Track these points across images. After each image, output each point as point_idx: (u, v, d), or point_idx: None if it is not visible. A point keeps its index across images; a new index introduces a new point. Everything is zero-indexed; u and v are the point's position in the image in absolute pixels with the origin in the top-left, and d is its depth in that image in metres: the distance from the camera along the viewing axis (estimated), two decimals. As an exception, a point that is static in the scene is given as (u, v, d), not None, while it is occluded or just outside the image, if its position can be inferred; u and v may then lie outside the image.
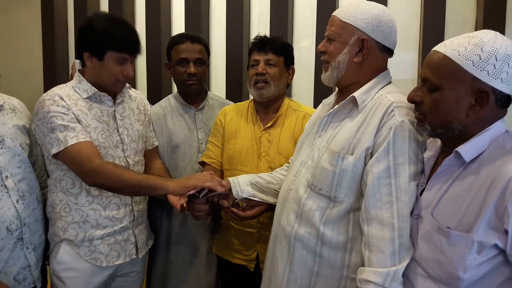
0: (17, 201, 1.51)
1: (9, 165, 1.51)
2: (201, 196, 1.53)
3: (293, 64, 1.80)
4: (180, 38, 1.92)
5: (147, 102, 1.85)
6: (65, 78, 2.65)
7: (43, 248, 1.66)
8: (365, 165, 1.18)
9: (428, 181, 1.12)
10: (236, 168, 1.75)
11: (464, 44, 1.01)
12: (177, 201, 1.61)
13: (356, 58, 1.25)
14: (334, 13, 1.30)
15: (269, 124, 1.75)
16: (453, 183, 1.05)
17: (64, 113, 1.48)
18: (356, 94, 1.25)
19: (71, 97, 1.53)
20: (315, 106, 2.05)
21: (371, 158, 1.17)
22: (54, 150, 1.47)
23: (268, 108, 1.77)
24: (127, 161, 1.63)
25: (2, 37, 2.95)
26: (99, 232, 1.57)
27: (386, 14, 1.25)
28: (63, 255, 1.57)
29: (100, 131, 1.56)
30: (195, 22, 2.39)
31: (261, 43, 1.73)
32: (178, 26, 2.49)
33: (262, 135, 1.74)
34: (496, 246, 0.96)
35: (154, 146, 1.87)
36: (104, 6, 2.64)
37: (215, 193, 1.54)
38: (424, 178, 1.15)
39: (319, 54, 1.35)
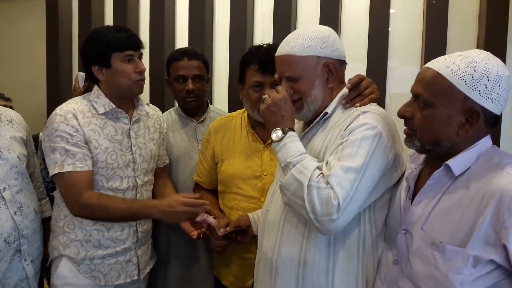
0: (15, 212, 1.52)
1: (7, 177, 1.51)
2: (219, 231, 1.51)
3: None
4: (178, 54, 1.92)
5: (163, 119, 1.83)
6: (69, 89, 2.66)
7: (41, 260, 1.65)
8: None
9: (415, 195, 1.12)
10: (231, 191, 1.67)
11: (457, 63, 1.02)
12: (190, 228, 1.58)
13: (329, 84, 1.27)
14: (281, 54, 1.28)
15: (270, 141, 1.66)
16: (442, 197, 1.05)
17: (71, 135, 1.46)
18: (328, 109, 1.27)
19: (85, 114, 1.52)
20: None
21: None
22: (51, 172, 1.47)
23: None
24: (136, 181, 1.61)
25: (8, 49, 3.00)
26: (101, 252, 1.56)
27: (332, 32, 1.28)
28: (63, 270, 1.56)
29: (110, 151, 1.54)
30: (199, 36, 2.41)
31: (266, 63, 1.51)
32: (182, 39, 2.51)
33: (264, 152, 1.64)
34: (492, 261, 0.96)
35: (165, 164, 1.85)
36: (109, 19, 2.66)
37: (236, 229, 1.53)
38: (410, 192, 1.15)
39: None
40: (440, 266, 1.00)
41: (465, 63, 1.01)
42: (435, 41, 2.02)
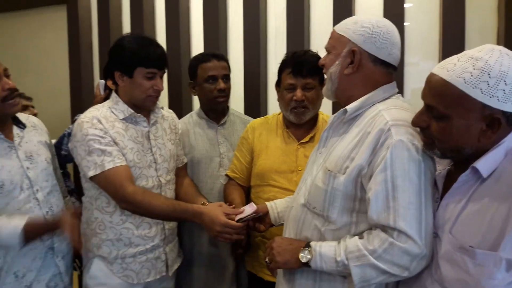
0: (47, 212, 1.59)
1: (38, 179, 1.59)
2: (236, 219, 1.52)
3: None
4: (205, 56, 1.96)
5: (178, 121, 1.88)
6: (90, 97, 2.74)
7: (71, 257, 1.73)
8: (357, 184, 1.14)
9: (442, 198, 1.07)
10: (268, 184, 1.72)
11: (469, 69, 0.95)
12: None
13: (346, 70, 1.21)
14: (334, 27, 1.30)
15: (305, 140, 1.72)
16: (470, 199, 1.00)
17: (101, 136, 1.52)
18: (348, 107, 1.22)
19: (108, 119, 1.57)
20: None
21: (368, 180, 1.11)
22: (91, 173, 1.51)
23: (302, 124, 1.73)
24: (160, 180, 1.67)
25: (32, 59, 3.11)
26: (132, 250, 1.61)
27: (381, 26, 1.20)
28: (96, 271, 1.62)
29: (136, 151, 1.60)
30: (214, 40, 2.44)
31: (298, 67, 1.64)
32: (197, 45, 2.55)
33: (298, 149, 1.72)
34: None
35: (184, 164, 1.89)
36: (126, 28, 2.74)
37: (253, 215, 1.53)
38: (438, 193, 1.10)
39: None
40: (471, 271, 0.95)
41: (478, 69, 0.94)
42: (453, 35, 1.98)
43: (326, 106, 2.26)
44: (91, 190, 1.61)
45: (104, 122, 1.55)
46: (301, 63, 1.64)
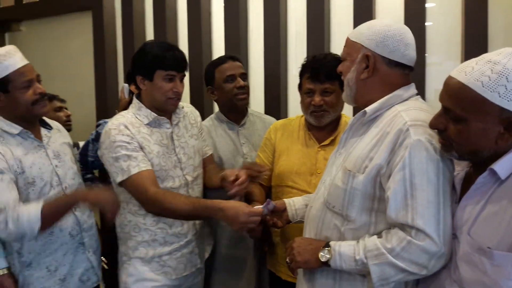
0: (75, 209, 1.67)
1: (66, 177, 1.69)
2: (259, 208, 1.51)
3: None
4: (220, 59, 2.02)
5: (197, 113, 1.89)
6: (115, 100, 2.83)
7: (100, 252, 1.82)
8: (376, 184, 1.15)
9: (460, 199, 1.07)
10: (287, 185, 1.74)
11: (487, 72, 0.95)
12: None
13: (362, 75, 1.23)
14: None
15: (326, 142, 1.72)
16: (488, 201, 1.00)
17: (128, 142, 1.56)
18: (368, 108, 1.24)
19: (134, 124, 1.62)
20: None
21: (387, 180, 1.12)
22: (119, 179, 1.56)
23: (323, 126, 1.74)
24: (186, 179, 1.70)
25: (58, 64, 3.22)
26: (167, 248, 1.66)
27: (392, 29, 1.21)
28: (134, 269, 1.65)
29: (162, 154, 1.64)
30: (234, 44, 2.48)
31: (316, 72, 1.65)
32: (218, 48, 2.60)
33: (318, 152, 1.72)
34: None
35: (208, 155, 1.89)
36: (150, 34, 2.82)
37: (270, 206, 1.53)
38: (457, 195, 1.10)
39: None
40: (489, 272, 0.96)
41: (496, 73, 0.94)
42: (475, 35, 1.96)
43: (348, 108, 2.27)
44: (121, 195, 1.63)
45: (131, 128, 1.60)
46: (318, 68, 1.65)
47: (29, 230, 1.43)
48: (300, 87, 1.77)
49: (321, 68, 1.64)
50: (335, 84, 1.65)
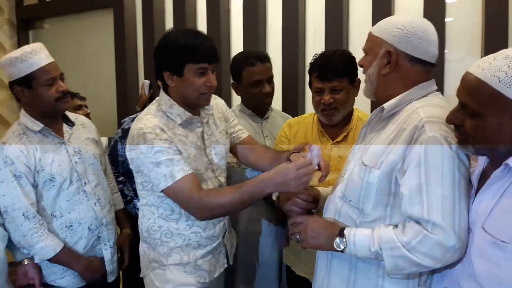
0: (95, 204, 1.73)
1: (86, 173, 1.73)
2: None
3: (357, 75, 1.69)
4: (251, 59, 1.93)
5: (223, 102, 1.74)
6: (135, 97, 2.89)
7: (115, 247, 1.86)
8: (391, 179, 1.16)
9: (476, 194, 1.08)
10: None
11: (504, 68, 0.95)
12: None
13: (384, 70, 1.24)
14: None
15: (339, 139, 1.72)
16: (503, 195, 1.01)
17: (168, 147, 1.43)
18: (386, 104, 1.25)
19: (168, 126, 1.49)
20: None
21: (402, 175, 1.14)
22: (162, 186, 1.43)
23: (335, 124, 1.74)
24: (219, 180, 1.62)
25: (80, 61, 3.30)
26: (201, 251, 1.57)
27: (415, 26, 1.21)
28: (170, 275, 1.56)
29: (197, 157, 1.54)
30: (253, 41, 2.51)
31: (323, 71, 1.64)
32: (236, 43, 2.63)
33: (332, 149, 1.72)
34: None
35: (247, 136, 1.73)
36: (169, 27, 2.84)
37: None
38: (473, 190, 1.11)
39: None
40: (503, 265, 0.96)
41: None
42: (496, 31, 1.93)
43: (365, 104, 2.27)
44: (148, 198, 1.54)
45: (167, 130, 1.47)
46: (326, 67, 1.63)
47: (37, 253, 1.64)
48: (310, 85, 1.76)
49: (329, 66, 1.63)
50: (344, 81, 1.64)
